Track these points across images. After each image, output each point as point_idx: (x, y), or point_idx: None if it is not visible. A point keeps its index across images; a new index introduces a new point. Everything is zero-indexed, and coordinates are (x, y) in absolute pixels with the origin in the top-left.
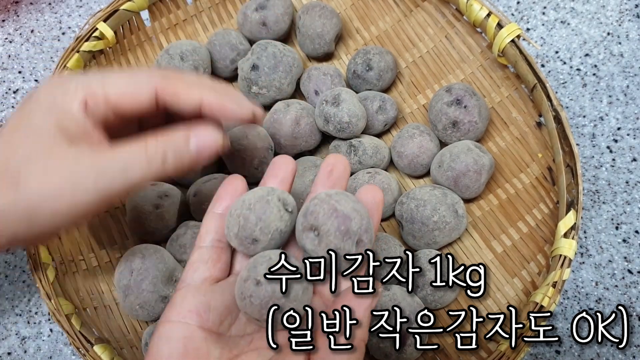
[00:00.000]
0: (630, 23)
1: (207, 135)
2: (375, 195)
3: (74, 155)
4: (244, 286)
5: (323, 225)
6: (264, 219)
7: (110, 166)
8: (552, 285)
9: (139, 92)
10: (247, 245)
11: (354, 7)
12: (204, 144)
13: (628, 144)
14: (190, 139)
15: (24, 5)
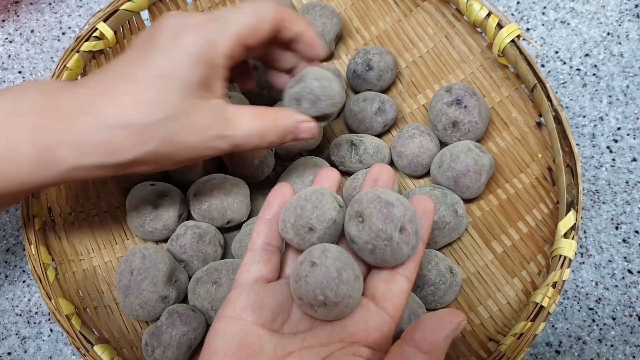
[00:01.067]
0: (630, 23)
1: (309, 129)
2: (427, 204)
3: (208, 114)
4: (300, 268)
5: (366, 209)
6: (320, 207)
7: (236, 132)
8: (552, 286)
9: (264, 25)
10: (303, 235)
11: (354, 7)
12: (304, 134)
13: (628, 144)
14: (297, 129)
15: (24, 5)
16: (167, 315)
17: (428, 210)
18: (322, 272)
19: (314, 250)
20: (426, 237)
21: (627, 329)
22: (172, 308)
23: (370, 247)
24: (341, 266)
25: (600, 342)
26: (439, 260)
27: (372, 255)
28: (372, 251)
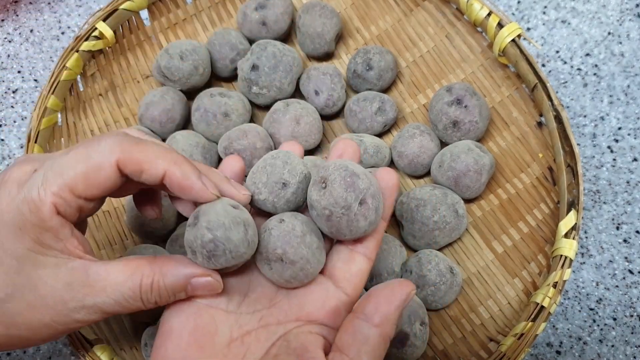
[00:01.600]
0: (631, 23)
1: (208, 285)
2: (391, 179)
3: (61, 283)
4: (268, 223)
5: (331, 175)
6: (289, 162)
7: (103, 300)
8: (552, 286)
9: (101, 172)
10: (277, 192)
11: (354, 7)
12: (200, 291)
13: (629, 143)
14: (189, 286)
15: (23, 5)
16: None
17: (392, 184)
18: (288, 228)
19: (286, 213)
20: (388, 214)
21: (628, 329)
22: None
23: (327, 213)
24: (307, 230)
25: (601, 342)
26: (440, 261)
27: (328, 222)
28: (328, 218)
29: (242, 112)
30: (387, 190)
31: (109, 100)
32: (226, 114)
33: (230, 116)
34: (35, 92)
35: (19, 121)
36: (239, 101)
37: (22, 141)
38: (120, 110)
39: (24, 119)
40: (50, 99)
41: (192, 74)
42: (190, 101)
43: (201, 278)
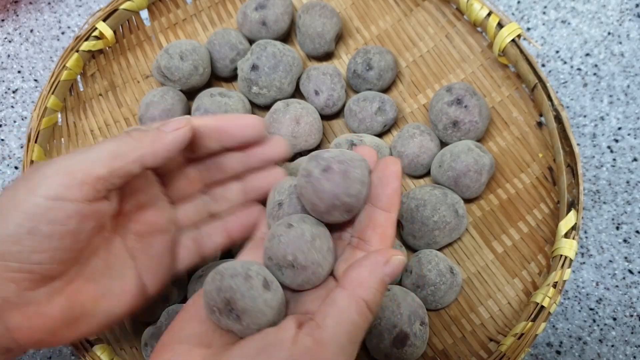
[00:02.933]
0: (631, 23)
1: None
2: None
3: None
4: (276, 228)
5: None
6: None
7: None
8: (552, 286)
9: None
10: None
11: (354, 7)
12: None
13: (629, 143)
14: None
15: (23, 5)
16: (166, 315)
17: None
18: (297, 234)
19: (293, 216)
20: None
21: (628, 329)
22: (172, 308)
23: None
24: (317, 234)
25: (600, 342)
26: (440, 261)
27: (301, 199)
28: (300, 194)
29: (242, 112)
30: (386, 179)
31: (109, 100)
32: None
33: None
34: (35, 92)
35: (19, 121)
36: (239, 101)
37: (22, 141)
38: (120, 110)
39: (24, 119)
40: (50, 99)
41: (192, 74)
42: (190, 101)
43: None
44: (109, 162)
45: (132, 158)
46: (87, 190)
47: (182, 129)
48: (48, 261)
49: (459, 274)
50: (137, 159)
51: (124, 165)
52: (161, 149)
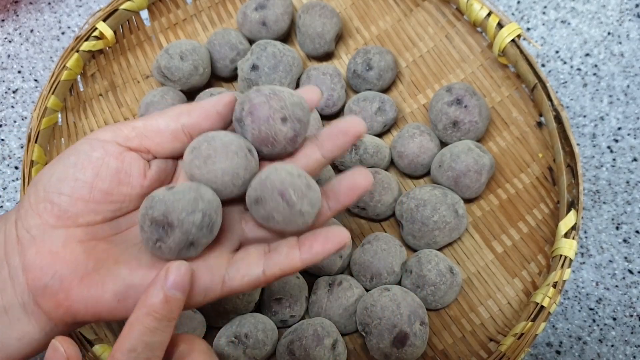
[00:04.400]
0: (631, 23)
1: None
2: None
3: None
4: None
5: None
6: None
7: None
8: (552, 286)
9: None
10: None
11: (354, 7)
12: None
13: (629, 143)
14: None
15: (23, 5)
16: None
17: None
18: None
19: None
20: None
21: (628, 329)
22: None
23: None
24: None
25: (600, 342)
26: (439, 261)
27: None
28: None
29: None
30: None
31: (109, 100)
32: None
33: None
34: (35, 92)
35: (19, 121)
36: None
37: (22, 141)
38: (121, 110)
39: (24, 119)
40: (50, 99)
41: (192, 74)
42: (190, 101)
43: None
44: (146, 119)
45: (169, 115)
46: (119, 133)
47: (224, 98)
48: (68, 191)
49: (458, 274)
50: (173, 115)
51: (159, 120)
52: (198, 106)
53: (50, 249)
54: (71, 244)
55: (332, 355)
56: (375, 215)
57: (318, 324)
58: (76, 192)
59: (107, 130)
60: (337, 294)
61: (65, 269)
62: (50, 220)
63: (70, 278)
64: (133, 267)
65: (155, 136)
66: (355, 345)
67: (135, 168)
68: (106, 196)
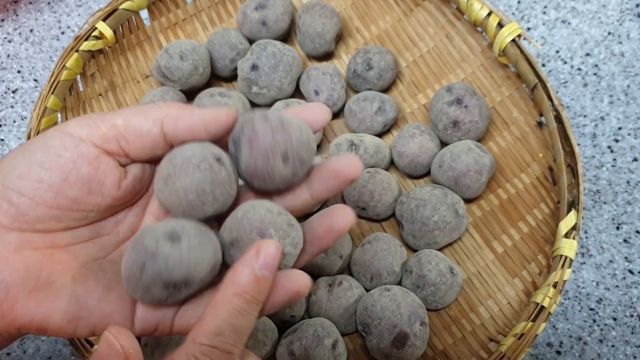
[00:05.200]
0: (631, 22)
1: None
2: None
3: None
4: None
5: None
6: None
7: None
8: (552, 286)
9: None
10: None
11: (354, 7)
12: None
13: (629, 143)
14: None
15: (23, 5)
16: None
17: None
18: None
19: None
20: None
21: (628, 329)
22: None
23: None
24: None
25: (601, 342)
26: (440, 261)
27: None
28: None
29: (242, 112)
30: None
31: (108, 100)
32: None
33: None
34: (35, 92)
35: (19, 121)
36: (239, 101)
37: (22, 141)
38: None
39: (23, 119)
40: (50, 99)
41: (192, 74)
42: (190, 101)
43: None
44: (127, 115)
45: (152, 116)
46: (96, 132)
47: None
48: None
49: (459, 274)
50: (157, 118)
51: (142, 121)
52: (185, 116)
53: (0, 252)
54: (25, 250)
55: (332, 356)
56: (375, 215)
57: (318, 324)
58: (39, 196)
59: (83, 125)
60: (337, 294)
61: (14, 277)
62: (4, 220)
63: (18, 289)
64: (90, 286)
65: (136, 140)
66: (355, 345)
67: (109, 178)
68: (72, 204)
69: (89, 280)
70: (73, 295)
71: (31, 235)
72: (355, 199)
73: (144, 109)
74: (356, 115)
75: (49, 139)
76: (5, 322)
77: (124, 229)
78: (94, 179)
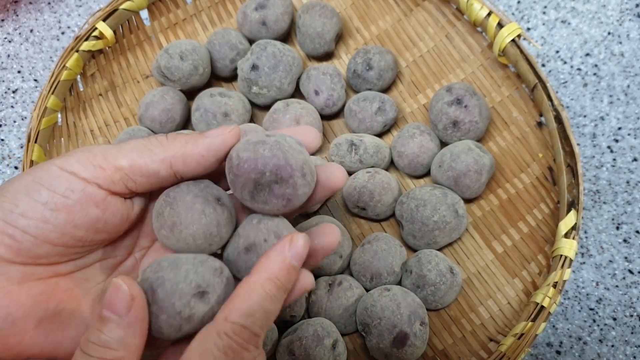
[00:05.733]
0: (631, 22)
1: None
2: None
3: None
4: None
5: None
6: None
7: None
8: (552, 286)
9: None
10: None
11: (354, 7)
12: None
13: (629, 143)
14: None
15: (23, 5)
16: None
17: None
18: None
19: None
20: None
21: (628, 329)
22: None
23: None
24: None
25: (600, 342)
26: (440, 261)
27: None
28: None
29: (242, 112)
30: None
31: (109, 100)
32: (226, 114)
33: (230, 116)
34: (35, 92)
35: (19, 121)
36: (239, 101)
37: (22, 141)
38: (120, 110)
39: (24, 119)
40: (50, 99)
41: (192, 74)
42: (190, 101)
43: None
44: (131, 155)
45: (159, 157)
46: (101, 174)
47: (224, 135)
48: (34, 231)
49: (459, 274)
50: (165, 158)
51: (149, 162)
52: (193, 152)
53: (4, 286)
54: (28, 282)
55: (332, 355)
56: (375, 215)
57: (318, 324)
58: (43, 235)
59: (86, 165)
60: (337, 294)
61: (20, 311)
62: (6, 255)
63: (25, 322)
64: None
65: (143, 179)
66: (355, 345)
67: (116, 217)
68: (78, 242)
69: (95, 305)
70: (82, 321)
71: (34, 268)
72: (355, 199)
73: (146, 147)
74: (356, 115)
75: (53, 178)
76: (13, 353)
77: (121, 252)
78: (101, 220)
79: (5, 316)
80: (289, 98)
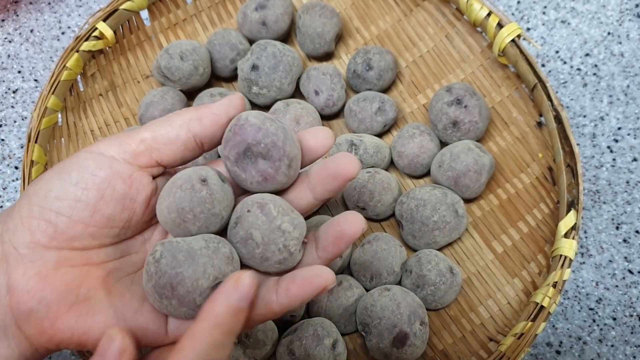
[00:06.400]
0: (631, 23)
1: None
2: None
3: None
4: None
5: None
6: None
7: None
8: (552, 286)
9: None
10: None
11: (354, 7)
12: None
13: (628, 143)
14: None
15: (23, 5)
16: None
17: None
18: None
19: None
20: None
21: (628, 329)
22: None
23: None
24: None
25: (600, 342)
26: (439, 260)
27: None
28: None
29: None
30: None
31: (109, 100)
32: None
33: None
34: (35, 92)
35: (19, 121)
36: None
37: (22, 141)
38: (121, 110)
39: (24, 119)
40: (50, 99)
41: (192, 74)
42: (191, 101)
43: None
44: (152, 127)
45: (177, 123)
46: (127, 148)
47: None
48: (67, 211)
49: (458, 274)
50: (182, 123)
51: (169, 130)
52: (207, 111)
53: (40, 271)
54: (63, 267)
55: (332, 355)
56: (375, 215)
57: (318, 324)
58: (76, 214)
59: (113, 144)
60: (337, 294)
61: (54, 295)
62: (42, 239)
63: (58, 305)
64: (126, 299)
65: (166, 148)
66: (355, 345)
67: (141, 194)
68: (108, 221)
69: (125, 294)
70: (111, 308)
71: (68, 252)
72: (355, 199)
73: (165, 119)
74: (356, 115)
75: (82, 160)
76: (46, 337)
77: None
78: (127, 195)
79: (41, 299)
80: (289, 98)
